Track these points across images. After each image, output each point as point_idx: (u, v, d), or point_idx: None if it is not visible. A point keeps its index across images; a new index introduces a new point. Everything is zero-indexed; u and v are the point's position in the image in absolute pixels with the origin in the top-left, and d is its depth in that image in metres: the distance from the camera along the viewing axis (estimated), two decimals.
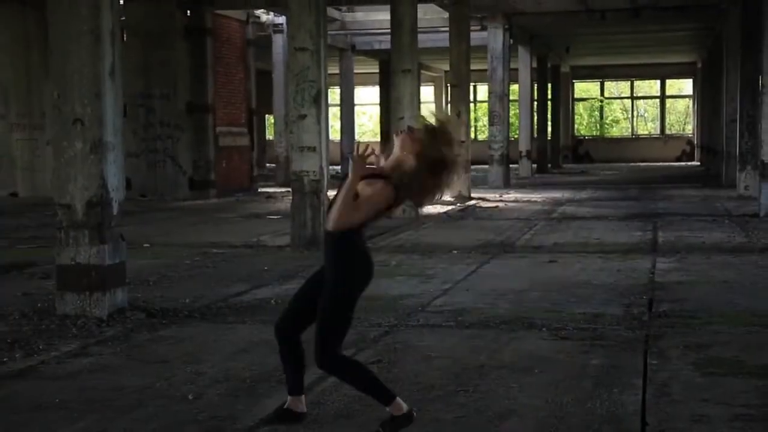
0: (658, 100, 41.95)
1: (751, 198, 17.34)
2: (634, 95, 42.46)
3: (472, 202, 18.65)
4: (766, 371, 5.38)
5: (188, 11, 20.18)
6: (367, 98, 43.27)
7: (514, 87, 29.80)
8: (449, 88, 27.26)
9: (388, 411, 4.28)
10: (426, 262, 10.19)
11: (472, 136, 31.91)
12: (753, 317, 6.93)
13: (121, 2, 15.97)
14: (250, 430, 4.45)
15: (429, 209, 16.73)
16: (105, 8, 7.07)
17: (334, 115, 35.33)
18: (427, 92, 42.11)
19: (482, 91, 37.99)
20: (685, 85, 42.69)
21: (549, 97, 33.66)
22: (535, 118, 31.20)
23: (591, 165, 37.33)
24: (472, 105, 31.58)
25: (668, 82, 41.57)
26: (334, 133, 35.32)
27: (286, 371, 4.49)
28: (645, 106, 43.90)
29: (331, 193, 14.15)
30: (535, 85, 31.14)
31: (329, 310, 4.21)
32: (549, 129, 33.37)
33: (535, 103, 31.34)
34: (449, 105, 31.09)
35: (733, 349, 5.92)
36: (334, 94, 35.13)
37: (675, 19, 24.55)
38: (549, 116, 33.29)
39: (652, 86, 42.48)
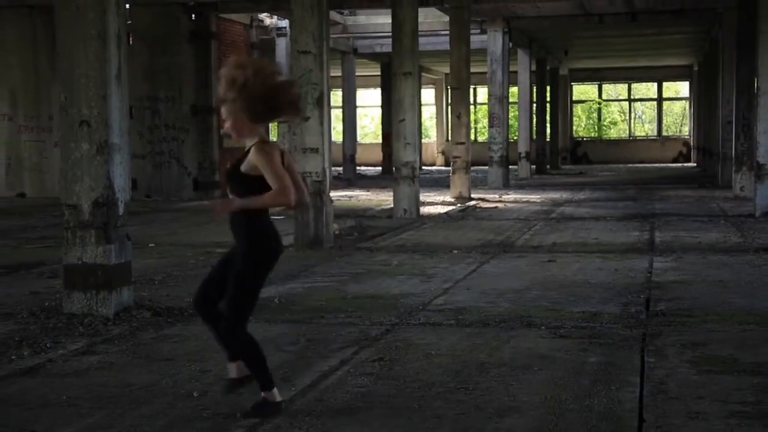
0: (655, 102, 42.01)
1: (746, 199, 17.42)
2: (632, 97, 42.53)
3: (472, 202, 18.73)
4: (761, 369, 5.44)
5: (193, 15, 20.33)
6: (369, 100, 43.36)
7: (514, 89, 29.90)
8: (450, 90, 27.33)
9: (263, 396, 4.57)
10: (427, 261, 10.27)
11: (472, 137, 31.96)
12: (748, 316, 7.00)
13: (128, 7, 16.11)
14: (254, 426, 4.50)
15: (430, 210, 16.82)
16: (111, 12, 7.15)
17: (336, 117, 35.41)
18: (427, 94, 42.20)
19: (482, 93, 38.07)
20: (682, 88, 42.76)
21: (548, 99, 33.75)
22: (534, 120, 31.28)
23: (589, 166, 37.40)
24: (472, 107, 31.69)
25: (665, 84, 41.62)
26: (337, 134, 35.44)
27: (219, 343, 4.72)
28: (642, 108, 43.97)
29: (333, 194, 14.05)
30: (534, 87, 31.23)
31: (237, 286, 4.48)
32: (548, 131, 33.46)
33: (534, 105, 31.43)
34: (450, 107, 31.22)
35: (728, 347, 5.98)
36: (336, 97, 35.23)
37: (671, 22, 24.65)
38: (548, 118, 33.37)
39: (649, 89, 42.56)
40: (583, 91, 43.00)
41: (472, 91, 27.51)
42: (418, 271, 9.50)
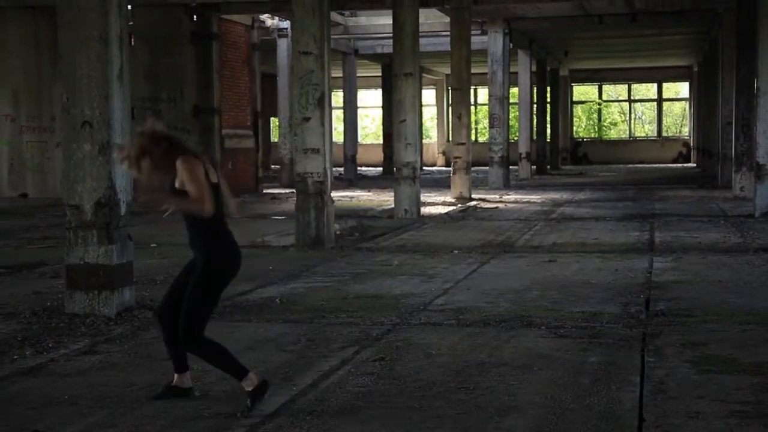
0: (655, 103, 42.04)
1: (746, 199, 17.45)
2: (632, 98, 42.57)
3: (473, 202, 18.76)
4: (760, 368, 5.47)
5: (195, 16, 20.37)
6: (370, 101, 43.41)
7: (514, 90, 29.93)
8: (450, 91, 27.36)
9: (243, 385, 4.73)
10: (427, 261, 10.29)
11: (473, 138, 31.99)
12: (748, 316, 7.03)
13: (129, 7, 16.15)
14: (255, 426, 4.53)
15: (430, 210, 16.86)
16: (113, 13, 7.19)
17: (337, 117, 35.44)
18: (428, 95, 42.23)
19: (483, 94, 38.12)
20: (682, 88, 42.79)
21: (548, 99, 33.77)
22: (535, 120, 31.30)
23: (589, 167, 37.42)
24: (472, 108, 31.70)
25: (665, 85, 41.64)
26: (338, 135, 35.47)
27: (170, 352, 4.95)
28: (642, 109, 44.01)
29: (334, 194, 14.02)
30: (535, 88, 31.24)
31: (194, 296, 4.68)
32: (548, 131, 33.48)
33: (535, 105, 31.44)
34: (450, 108, 31.25)
35: (728, 347, 6.01)
36: (338, 97, 35.25)
37: (671, 23, 24.67)
38: (548, 119, 33.39)
39: (649, 89, 42.59)
40: (583, 91, 43.03)
41: (472, 91, 27.53)
42: (419, 271, 9.53)
